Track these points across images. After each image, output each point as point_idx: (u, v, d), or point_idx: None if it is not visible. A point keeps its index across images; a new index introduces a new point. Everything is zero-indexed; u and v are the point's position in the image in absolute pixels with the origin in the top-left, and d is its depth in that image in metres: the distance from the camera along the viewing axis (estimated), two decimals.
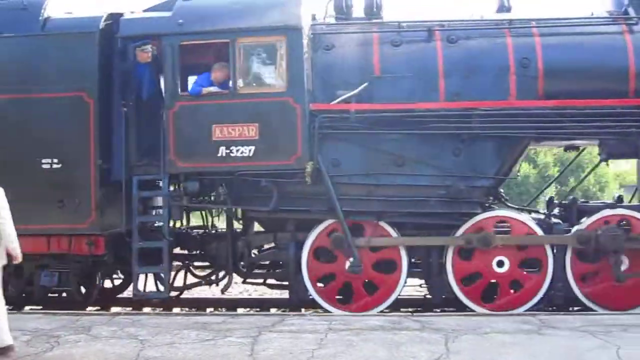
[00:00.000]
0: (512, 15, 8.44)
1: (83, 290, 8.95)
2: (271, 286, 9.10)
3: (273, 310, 9.21)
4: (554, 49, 7.99)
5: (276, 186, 7.97)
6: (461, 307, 8.12)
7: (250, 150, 7.87)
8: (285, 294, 8.95)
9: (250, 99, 7.90)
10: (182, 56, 8.00)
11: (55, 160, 8.14)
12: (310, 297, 8.31)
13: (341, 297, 8.37)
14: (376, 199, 8.04)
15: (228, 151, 7.90)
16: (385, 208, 8.04)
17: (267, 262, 9.13)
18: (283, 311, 8.88)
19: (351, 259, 8.04)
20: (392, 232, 8.15)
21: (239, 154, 7.89)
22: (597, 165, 10.12)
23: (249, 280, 8.97)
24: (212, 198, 8.36)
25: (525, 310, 7.81)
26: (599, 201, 10.78)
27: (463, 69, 8.03)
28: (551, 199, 9.20)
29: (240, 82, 7.92)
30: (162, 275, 8.24)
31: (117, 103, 8.25)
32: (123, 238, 8.22)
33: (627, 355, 5.58)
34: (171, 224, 8.48)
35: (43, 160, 8.17)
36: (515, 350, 5.81)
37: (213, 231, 8.95)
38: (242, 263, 8.68)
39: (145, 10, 8.74)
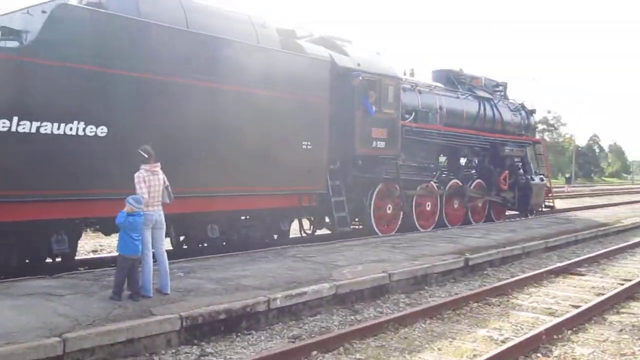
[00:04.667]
0: (428, 82, 16.95)
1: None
2: None
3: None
4: (450, 102, 17.10)
5: (387, 165, 14.27)
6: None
7: (383, 144, 13.94)
8: None
9: (384, 116, 13.94)
10: (362, 85, 13.26)
11: (309, 142, 12.06)
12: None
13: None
14: (403, 172, 15.26)
15: (376, 144, 13.74)
16: (406, 176, 15.33)
17: None
18: None
19: (390, 206, 15.04)
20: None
21: (379, 146, 13.84)
22: None
23: None
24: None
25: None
26: None
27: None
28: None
29: (381, 105, 13.82)
30: (345, 215, 13.13)
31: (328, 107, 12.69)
32: None
33: None
34: None
35: (303, 142, 11.95)
36: None
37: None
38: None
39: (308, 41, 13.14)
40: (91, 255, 12.39)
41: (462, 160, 18.12)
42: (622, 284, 9.95)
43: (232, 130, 10.67)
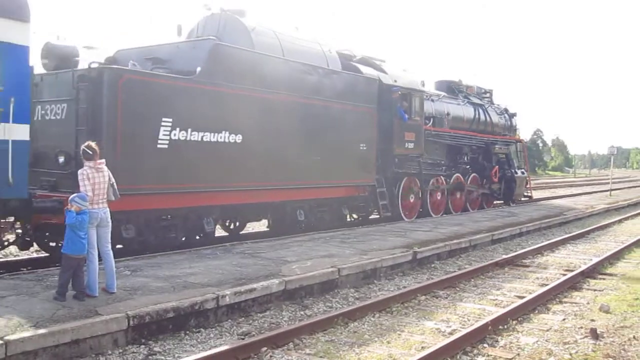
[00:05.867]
0: (437, 92, 20.18)
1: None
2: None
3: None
4: (454, 108, 20.36)
5: (413, 162, 17.39)
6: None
7: (412, 145, 17.05)
8: None
9: (412, 122, 17.05)
10: (399, 97, 16.31)
11: (364, 145, 15.05)
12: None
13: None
14: (423, 167, 18.39)
15: (407, 145, 16.84)
16: (425, 171, 18.46)
17: None
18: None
19: (412, 196, 18.16)
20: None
21: (409, 147, 16.95)
22: None
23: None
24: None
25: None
26: None
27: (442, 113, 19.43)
28: None
29: (411, 113, 16.91)
30: (387, 203, 16.16)
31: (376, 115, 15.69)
32: None
33: None
34: None
35: (360, 145, 14.93)
36: None
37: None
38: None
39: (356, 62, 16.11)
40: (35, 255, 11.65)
41: (457, 157, 21.38)
42: (565, 274, 10.35)
43: (317, 134, 13.56)
